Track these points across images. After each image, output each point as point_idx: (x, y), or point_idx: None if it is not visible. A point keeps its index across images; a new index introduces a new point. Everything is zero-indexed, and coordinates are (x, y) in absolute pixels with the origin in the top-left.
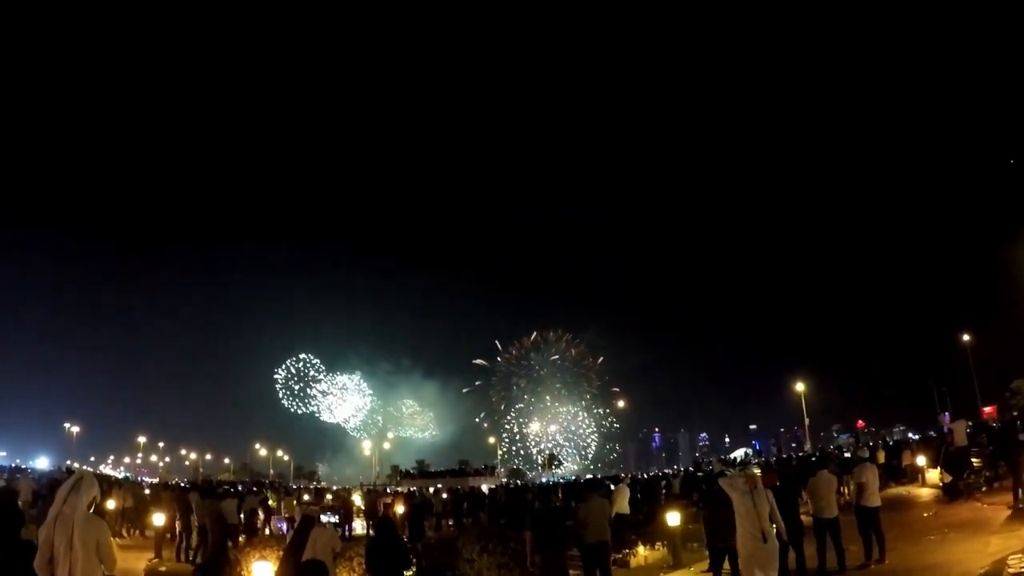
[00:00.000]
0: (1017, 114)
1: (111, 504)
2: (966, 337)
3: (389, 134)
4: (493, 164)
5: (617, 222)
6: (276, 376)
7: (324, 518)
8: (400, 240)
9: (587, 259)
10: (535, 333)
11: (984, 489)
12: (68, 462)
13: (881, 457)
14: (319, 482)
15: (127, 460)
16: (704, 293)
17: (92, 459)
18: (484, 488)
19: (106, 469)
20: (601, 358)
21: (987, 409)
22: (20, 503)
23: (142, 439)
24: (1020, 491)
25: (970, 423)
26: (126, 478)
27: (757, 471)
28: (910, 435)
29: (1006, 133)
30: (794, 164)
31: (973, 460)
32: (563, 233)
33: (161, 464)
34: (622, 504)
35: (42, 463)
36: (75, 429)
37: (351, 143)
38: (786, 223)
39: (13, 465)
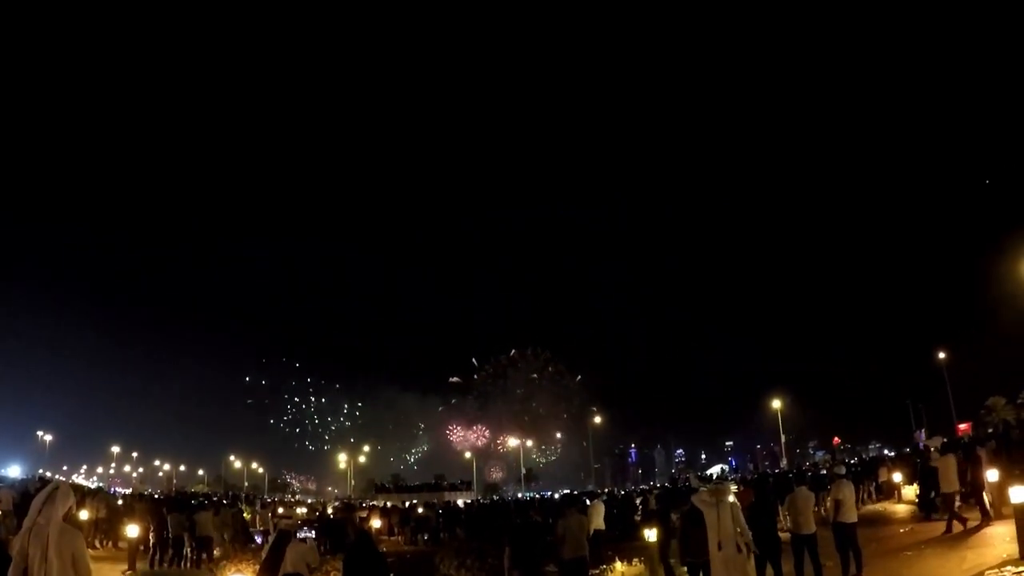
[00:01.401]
0: (992, 135)
1: (84, 515)
2: (942, 355)
3: (387, 141)
4: (490, 164)
5: (613, 230)
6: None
7: (301, 533)
8: (391, 246)
9: (570, 278)
10: (512, 351)
11: (960, 505)
12: (40, 471)
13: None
14: (293, 495)
15: (100, 470)
16: (679, 312)
17: (65, 468)
18: (460, 503)
19: (79, 479)
20: (579, 376)
21: (962, 426)
22: (0, 512)
23: (115, 449)
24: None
25: (945, 440)
26: (99, 488)
27: (733, 487)
28: (886, 452)
29: (982, 154)
30: (772, 179)
31: None
32: (539, 251)
33: (135, 475)
34: (598, 520)
35: (14, 471)
36: (48, 437)
37: (347, 152)
38: (760, 241)
39: None
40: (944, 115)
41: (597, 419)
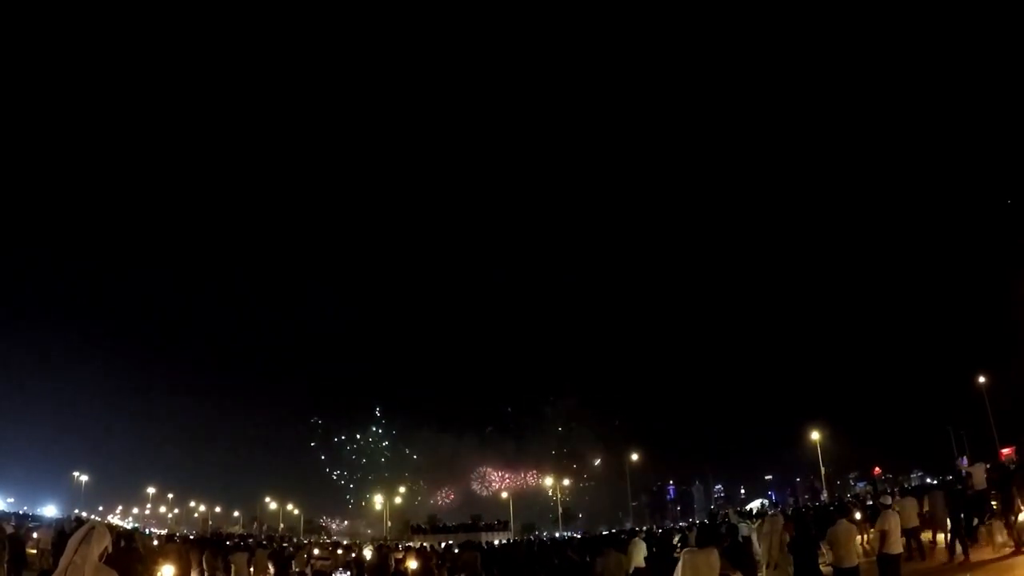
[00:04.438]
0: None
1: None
2: (982, 379)
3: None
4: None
5: (623, 273)
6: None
7: (337, 575)
8: (412, 290)
9: (590, 310)
10: (550, 397)
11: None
12: (76, 511)
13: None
14: (329, 536)
15: (136, 511)
16: (715, 342)
17: (100, 509)
18: (496, 542)
19: (114, 519)
20: (616, 421)
21: (1005, 451)
22: (37, 551)
23: (151, 490)
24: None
25: (989, 465)
26: (135, 529)
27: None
28: (928, 480)
29: (1015, 173)
30: (802, 207)
31: (993, 503)
32: (564, 286)
33: (170, 516)
34: (638, 558)
35: (50, 511)
36: (84, 478)
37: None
38: (796, 270)
39: (22, 512)
40: (983, 132)
41: (634, 456)
